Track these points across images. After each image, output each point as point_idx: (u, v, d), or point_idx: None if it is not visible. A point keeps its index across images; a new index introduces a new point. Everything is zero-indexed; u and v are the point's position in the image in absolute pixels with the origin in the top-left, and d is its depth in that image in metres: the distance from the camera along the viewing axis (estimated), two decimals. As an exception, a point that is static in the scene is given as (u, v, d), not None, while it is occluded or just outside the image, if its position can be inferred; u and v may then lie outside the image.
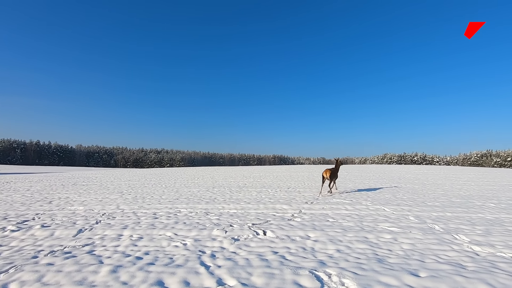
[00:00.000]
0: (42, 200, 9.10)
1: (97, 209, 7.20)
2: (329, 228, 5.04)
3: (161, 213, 6.51)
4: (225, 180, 17.44)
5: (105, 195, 10.31)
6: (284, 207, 7.22)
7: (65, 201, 8.76)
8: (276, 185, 13.33)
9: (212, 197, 9.20)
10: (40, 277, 2.92)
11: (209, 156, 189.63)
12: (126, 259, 3.44)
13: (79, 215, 6.38)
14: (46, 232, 4.79)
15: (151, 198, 9.26)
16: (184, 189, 12.07)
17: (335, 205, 7.43)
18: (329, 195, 9.51)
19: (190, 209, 7.04)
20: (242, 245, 4.06)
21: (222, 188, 12.11)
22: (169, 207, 7.33)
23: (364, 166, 64.86)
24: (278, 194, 9.89)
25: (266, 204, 7.71)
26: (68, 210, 7.07)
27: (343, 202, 7.93)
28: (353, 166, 66.25)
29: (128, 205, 7.77)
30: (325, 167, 53.29)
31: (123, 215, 6.32)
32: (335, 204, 7.58)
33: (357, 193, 10.16)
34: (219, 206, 7.42)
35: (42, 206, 7.72)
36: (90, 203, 8.15)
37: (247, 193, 10.37)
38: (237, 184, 14.31)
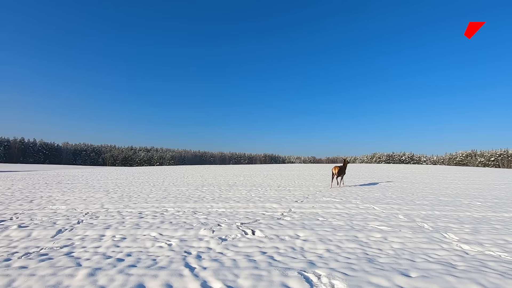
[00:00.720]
0: (23, 199, 8.73)
1: (80, 209, 6.93)
2: (319, 227, 4.96)
3: (147, 213, 6.31)
4: (215, 178, 17.24)
5: (90, 193, 9.98)
6: (274, 206, 7.12)
7: (47, 200, 8.42)
8: (267, 184, 13.24)
9: (200, 196, 9.02)
10: (10, 281, 2.72)
11: (199, 154, 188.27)
12: (106, 261, 3.26)
13: (60, 215, 6.11)
14: (22, 233, 4.53)
15: (137, 197, 9.01)
16: (173, 187, 11.83)
17: (325, 204, 7.38)
18: (340, 187, 11.61)
19: (177, 208, 6.85)
20: (229, 245, 3.93)
21: (212, 187, 11.93)
22: (155, 206, 7.12)
23: (354, 165, 65.60)
24: (268, 193, 9.79)
25: (255, 203, 7.59)
26: (49, 210, 6.77)
27: (333, 201, 7.89)
28: (343, 165, 66.97)
29: (113, 204, 7.52)
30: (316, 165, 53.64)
31: (107, 215, 6.09)
32: (325, 203, 7.52)
33: (347, 191, 10.16)
34: (208, 205, 7.26)
35: (22, 206, 7.39)
36: (73, 202, 7.85)
37: (237, 191, 10.23)
38: (227, 182, 14.15)
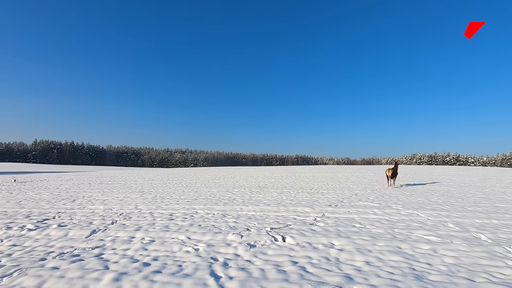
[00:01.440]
0: (67, 198, 9.31)
1: (115, 209, 7.16)
2: (356, 235, 4.54)
3: (178, 214, 6.31)
4: (246, 180, 17.18)
5: (127, 194, 10.38)
6: (306, 210, 6.77)
7: (88, 200, 8.88)
8: (298, 186, 12.84)
9: (231, 198, 8.92)
10: (41, 283, 2.74)
11: (232, 156, 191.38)
12: (133, 265, 3.20)
13: (97, 215, 6.34)
14: (61, 232, 4.72)
15: (170, 198, 9.16)
16: (204, 189, 11.93)
17: (362, 209, 6.86)
18: (390, 188, 11.88)
19: (207, 211, 6.79)
20: (258, 253, 3.70)
21: (242, 189, 11.83)
22: (186, 208, 7.14)
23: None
24: (300, 196, 9.42)
25: (286, 206, 7.29)
26: (88, 209, 7.09)
27: (371, 206, 7.32)
28: (379, 166, 63.72)
29: (146, 205, 7.68)
30: (351, 167, 51.66)
31: (139, 216, 6.19)
32: (362, 208, 7.00)
33: (386, 195, 9.44)
34: (238, 208, 7.11)
35: (65, 205, 7.84)
36: (110, 202, 8.17)
37: (268, 194, 10.00)
38: (257, 184, 13.99)
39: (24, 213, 6.70)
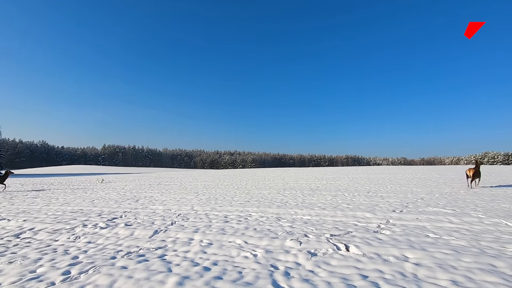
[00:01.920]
0: (131, 198, 10.08)
1: (174, 209, 7.49)
2: (432, 247, 3.96)
3: (232, 216, 6.32)
4: (296, 182, 16.80)
5: (183, 195, 10.87)
6: (366, 215, 6.23)
7: (149, 200, 9.49)
8: (353, 189, 12.07)
9: (283, 201, 8.71)
10: (112, 282, 2.87)
11: (279, 157, 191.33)
12: (194, 269, 3.19)
13: (158, 215, 6.67)
14: (127, 231, 5.02)
15: (223, 199, 9.31)
16: (255, 191, 11.92)
17: (433, 216, 6.06)
18: (471, 189, 11.19)
19: (261, 213, 6.68)
20: (320, 262, 3.42)
21: (294, 191, 11.53)
22: (240, 210, 7.13)
23: (459, 167, 55.62)
24: (357, 199, 8.79)
25: (344, 210, 6.82)
26: (149, 210, 7.53)
27: (444, 212, 6.44)
28: (444, 167, 57.50)
29: (201, 206, 7.90)
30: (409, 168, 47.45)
31: (196, 217, 6.35)
32: (433, 214, 6.19)
33: (459, 200, 8.28)
34: (291, 211, 6.87)
35: (130, 205, 8.47)
36: (169, 203, 8.60)
37: (321, 196, 9.55)
38: (309, 186, 13.54)
39: (96, 211, 7.38)
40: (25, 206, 8.48)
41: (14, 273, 3.17)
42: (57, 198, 10.60)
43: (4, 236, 4.90)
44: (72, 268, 3.29)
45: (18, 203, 9.22)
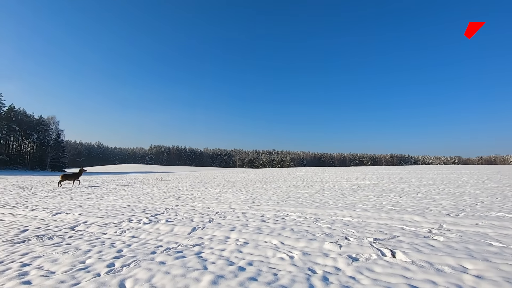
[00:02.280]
0: (173, 195, 10.53)
1: (212, 207, 7.63)
2: (497, 257, 3.44)
3: (269, 216, 6.23)
4: (336, 181, 16.17)
5: (221, 193, 11.07)
6: (415, 219, 5.69)
7: (189, 197, 9.83)
8: (399, 189, 11.22)
9: (322, 201, 8.39)
10: (150, 277, 2.95)
11: (318, 156, 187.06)
12: (229, 269, 3.15)
13: (197, 212, 6.84)
14: (168, 227, 5.21)
15: (260, 198, 9.27)
16: (293, 190, 11.70)
17: (497, 221, 5.32)
18: None
19: (298, 213, 6.49)
20: (363, 269, 3.16)
21: (333, 191, 11.08)
22: (277, 210, 7.01)
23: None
24: (404, 201, 8.12)
25: (389, 212, 6.32)
26: (189, 207, 7.77)
27: (511, 218, 5.62)
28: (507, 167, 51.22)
29: (239, 204, 7.93)
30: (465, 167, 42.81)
31: (233, 215, 6.38)
32: (497, 220, 5.43)
33: (530, 204, 7.20)
34: (331, 212, 6.56)
35: (172, 202, 8.83)
36: (208, 201, 8.80)
37: (363, 197, 9.02)
38: (350, 186, 12.91)
39: (141, 207, 7.81)
40: (81, 201, 9.32)
41: (67, 262, 3.43)
42: (108, 194, 11.49)
43: (62, 228, 5.39)
44: (116, 260, 3.47)
45: (76, 198, 10.17)
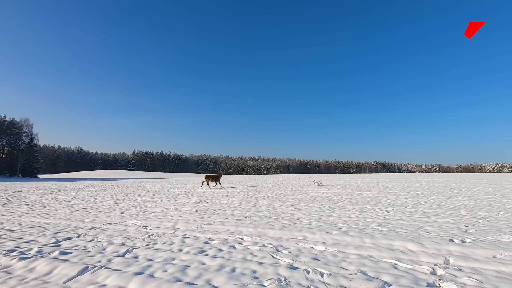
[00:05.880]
0: (120, 209, 8.72)
1: (151, 226, 5.93)
2: None
3: (215, 243, 4.58)
4: (317, 191, 14.69)
5: (180, 205, 9.34)
6: (410, 248, 4.19)
7: (136, 211, 8.04)
8: (385, 201, 9.81)
9: (294, 217, 6.82)
10: None
11: (304, 163, 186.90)
12: None
13: (124, 235, 5.13)
14: (48, 267, 3.46)
15: (221, 213, 7.61)
16: (265, 201, 10.09)
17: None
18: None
19: (256, 238, 4.88)
20: None
21: (311, 202, 9.54)
22: (231, 231, 5.37)
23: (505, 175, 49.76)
24: (392, 217, 6.67)
25: (374, 237, 4.80)
26: (122, 226, 6.03)
27: (532, 245, 4.21)
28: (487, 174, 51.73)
29: (187, 223, 6.24)
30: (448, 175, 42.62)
31: (166, 241, 4.70)
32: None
33: (542, 223, 5.87)
34: (300, 236, 4.98)
35: (108, 218, 7.05)
36: (153, 217, 7.06)
37: (344, 211, 7.52)
38: (330, 197, 11.43)
39: (61, 227, 6.04)
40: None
41: None
42: (44, 206, 9.53)
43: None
44: None
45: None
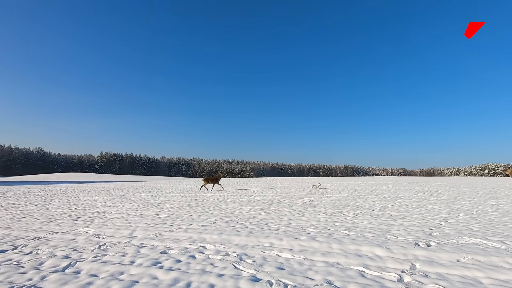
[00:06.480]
0: (75, 215, 7.95)
1: (105, 235, 5.37)
2: None
3: (173, 253, 4.18)
4: (288, 194, 14.62)
5: (144, 210, 8.73)
6: (377, 253, 4.09)
7: (92, 218, 7.35)
8: (354, 204, 9.90)
9: (262, 222, 6.57)
10: None
11: (278, 166, 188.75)
12: None
13: (70, 246, 4.55)
14: (-38, 289, 2.89)
15: (186, 218, 7.16)
16: (234, 205, 9.75)
17: (480, 254, 3.89)
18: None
19: (220, 246, 4.55)
20: None
21: (281, 206, 9.37)
22: (193, 239, 4.99)
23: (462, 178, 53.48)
24: (360, 220, 6.64)
25: (343, 242, 4.67)
26: (71, 235, 5.40)
27: (492, 247, 4.27)
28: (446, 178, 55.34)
29: (146, 230, 5.75)
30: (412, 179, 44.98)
31: (118, 251, 4.21)
32: (478, 251, 4.00)
33: (495, 223, 6.12)
34: (266, 242, 4.73)
35: (58, 226, 6.34)
36: (110, 224, 6.46)
37: (313, 215, 7.40)
38: (301, 200, 11.36)
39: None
40: None
41: None
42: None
43: None
44: None
45: None
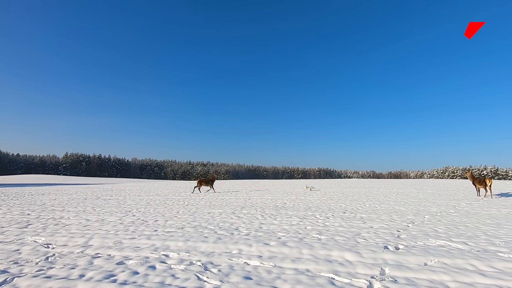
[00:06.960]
0: (26, 222, 7.19)
1: (56, 244, 4.85)
2: None
3: (131, 263, 3.81)
4: (261, 197, 14.47)
5: (105, 216, 8.12)
6: (347, 258, 4.00)
7: (49, 224, 6.67)
8: (326, 207, 9.95)
9: (232, 226, 6.32)
10: None
11: (253, 169, 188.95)
12: None
13: (9, 260, 4.02)
14: None
15: (152, 223, 6.72)
16: (205, 209, 9.40)
17: (446, 256, 3.94)
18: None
19: (184, 254, 4.23)
20: None
21: (253, 209, 9.17)
22: (156, 247, 4.63)
23: (426, 181, 56.71)
24: (331, 223, 6.61)
25: (313, 247, 4.55)
26: (17, 245, 4.80)
27: (456, 248, 4.37)
28: (413, 181, 58.41)
29: (105, 238, 5.27)
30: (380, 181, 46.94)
31: (66, 265, 3.76)
32: (444, 253, 4.06)
33: (458, 224, 6.37)
34: (234, 249, 4.48)
35: (3, 234, 5.65)
36: (66, 231, 5.87)
37: (285, 219, 7.28)
38: (274, 203, 11.24)
39: None
40: None
41: None
42: None
43: None
44: None
45: None
